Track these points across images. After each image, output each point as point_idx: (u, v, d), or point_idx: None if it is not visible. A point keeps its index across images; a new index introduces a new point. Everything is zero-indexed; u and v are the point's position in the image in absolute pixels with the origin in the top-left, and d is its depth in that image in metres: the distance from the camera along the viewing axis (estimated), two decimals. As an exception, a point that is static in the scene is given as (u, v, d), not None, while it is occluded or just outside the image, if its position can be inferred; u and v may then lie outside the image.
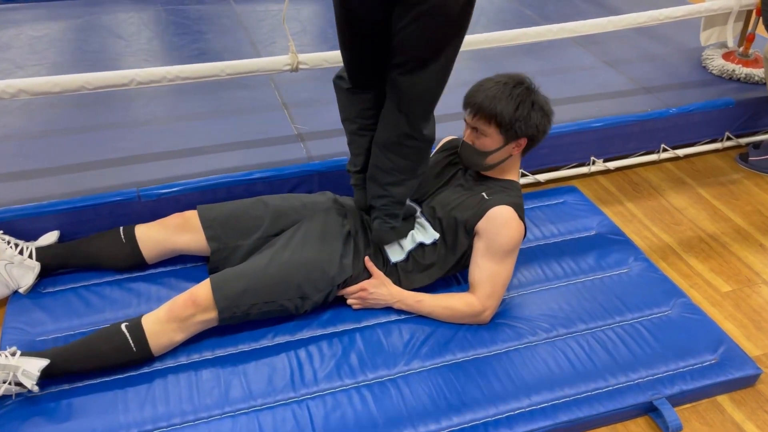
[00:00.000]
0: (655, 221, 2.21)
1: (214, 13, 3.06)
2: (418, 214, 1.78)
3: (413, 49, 1.40)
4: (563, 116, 2.34)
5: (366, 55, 1.51)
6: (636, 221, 2.21)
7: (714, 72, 2.68)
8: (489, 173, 1.73)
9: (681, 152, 2.50)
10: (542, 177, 2.33)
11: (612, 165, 2.42)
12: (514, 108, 1.59)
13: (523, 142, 1.65)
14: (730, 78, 2.63)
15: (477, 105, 1.62)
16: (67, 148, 2.09)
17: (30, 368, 1.40)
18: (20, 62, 2.56)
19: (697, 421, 1.57)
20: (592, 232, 2.05)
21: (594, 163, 2.40)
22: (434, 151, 1.93)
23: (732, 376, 1.60)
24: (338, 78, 1.61)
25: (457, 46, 1.44)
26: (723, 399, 1.62)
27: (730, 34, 2.68)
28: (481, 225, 1.65)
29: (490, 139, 1.64)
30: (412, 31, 1.37)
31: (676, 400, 1.57)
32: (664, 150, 2.48)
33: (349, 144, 1.70)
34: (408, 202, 1.80)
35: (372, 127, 1.61)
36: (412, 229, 1.75)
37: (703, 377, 1.60)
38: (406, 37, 1.39)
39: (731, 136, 2.56)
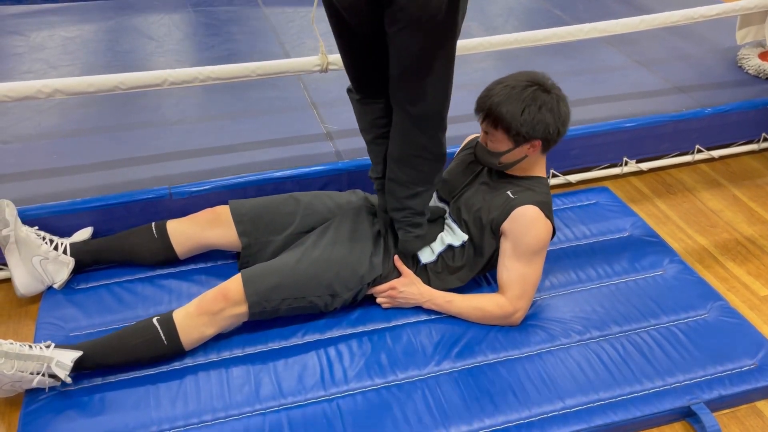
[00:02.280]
0: (690, 223, 2.17)
1: (243, 14, 3.08)
2: (446, 215, 1.76)
3: (404, 61, 1.37)
4: (595, 116, 2.31)
5: (365, 61, 1.49)
6: (670, 223, 2.16)
7: (750, 72, 2.62)
8: (511, 171, 1.70)
9: (716, 153, 2.45)
10: (573, 178, 2.30)
11: (645, 166, 2.38)
12: (519, 112, 1.55)
13: (537, 143, 1.61)
14: (767, 78, 2.58)
15: (484, 110, 1.60)
16: (100, 147, 2.11)
17: (63, 359, 1.42)
18: (54, 62, 2.60)
19: (737, 427, 1.53)
20: (626, 234, 2.02)
21: (626, 163, 2.36)
22: (458, 149, 1.92)
23: (773, 381, 1.56)
24: (349, 90, 1.61)
25: (448, 55, 1.39)
26: (763, 405, 1.58)
27: None
28: (507, 225, 1.62)
29: (500, 142, 1.62)
30: (400, 41, 1.35)
31: (715, 405, 1.53)
32: (699, 151, 2.43)
33: (369, 153, 1.70)
34: (437, 202, 1.79)
35: (387, 135, 1.60)
36: (441, 231, 1.73)
37: (743, 382, 1.55)
38: (396, 48, 1.37)
39: (768, 137, 2.51)
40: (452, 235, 1.71)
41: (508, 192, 1.66)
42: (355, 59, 1.51)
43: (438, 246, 1.71)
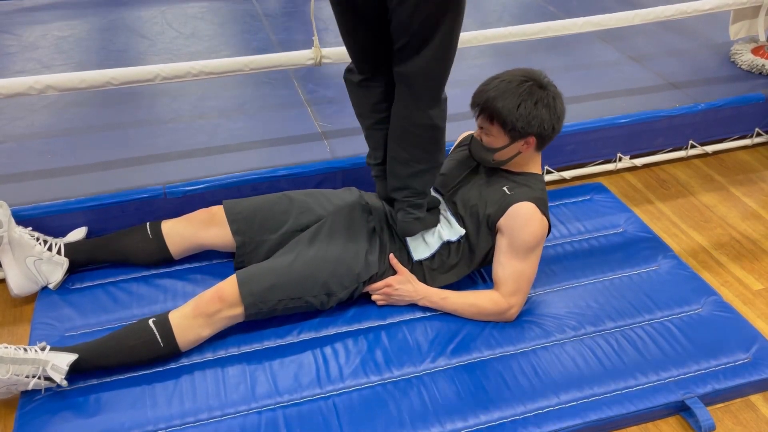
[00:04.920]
0: (684, 219, 2.17)
1: (236, 11, 3.07)
2: (443, 207, 1.77)
3: (408, 30, 1.38)
4: (589, 112, 2.31)
5: (367, 38, 1.48)
6: (664, 219, 2.17)
7: (743, 67, 2.63)
8: (507, 167, 1.70)
9: (710, 149, 2.46)
10: (568, 174, 2.31)
11: (639, 162, 2.38)
12: (515, 107, 1.55)
13: (532, 140, 1.62)
14: (760, 73, 2.58)
15: (480, 104, 1.60)
16: (94, 146, 2.11)
17: (59, 363, 1.42)
18: (47, 62, 2.59)
19: (730, 421, 1.54)
20: (620, 230, 2.02)
21: (620, 160, 2.36)
22: (452, 147, 1.92)
23: (766, 375, 1.57)
24: (348, 72, 1.60)
25: (454, 21, 1.39)
26: (756, 398, 1.59)
27: (761, 28, 2.62)
28: (503, 222, 1.63)
29: (495, 137, 1.62)
30: (404, 13, 1.35)
31: (709, 399, 1.54)
32: (692, 146, 2.44)
33: (366, 138, 1.69)
34: (432, 193, 1.79)
35: (386, 120, 1.60)
36: (438, 222, 1.73)
37: (737, 376, 1.56)
38: (400, 17, 1.37)
39: (761, 132, 2.51)
40: (449, 229, 1.71)
41: (505, 188, 1.66)
42: (356, 37, 1.50)
43: (435, 242, 1.71)
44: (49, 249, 1.74)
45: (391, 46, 1.46)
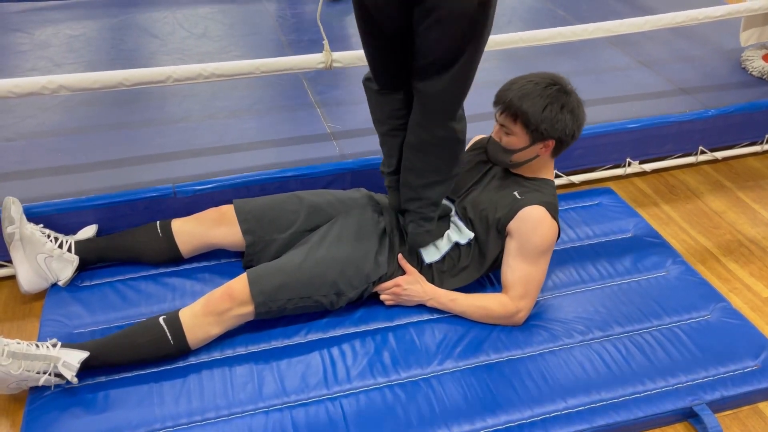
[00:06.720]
0: (693, 224, 2.17)
1: (247, 12, 3.08)
2: (452, 213, 1.77)
3: (432, 53, 1.40)
4: (598, 117, 2.31)
5: (390, 56, 1.50)
6: (673, 224, 2.17)
7: (754, 73, 2.62)
8: (520, 171, 1.71)
9: (719, 155, 2.45)
10: (576, 178, 2.30)
11: (648, 167, 2.38)
12: (541, 108, 1.56)
13: (551, 143, 1.62)
14: (771, 79, 2.58)
15: (505, 103, 1.61)
16: (104, 145, 2.11)
17: (70, 360, 1.42)
18: (58, 60, 2.60)
19: (738, 429, 1.53)
20: (629, 234, 2.02)
21: (629, 164, 2.36)
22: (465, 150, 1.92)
23: (775, 383, 1.57)
24: (367, 80, 1.61)
25: (477, 48, 1.41)
26: (765, 406, 1.58)
27: (771, 35, 2.62)
28: (513, 225, 1.63)
29: (516, 137, 1.62)
30: (430, 35, 1.37)
31: (717, 406, 1.53)
32: (702, 152, 2.43)
33: (381, 145, 1.70)
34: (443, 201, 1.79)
35: (403, 127, 1.60)
36: (448, 229, 1.73)
37: (745, 383, 1.56)
38: (425, 41, 1.39)
39: (771, 138, 2.51)
40: (458, 233, 1.71)
41: (515, 192, 1.66)
42: (379, 54, 1.51)
43: (444, 245, 1.72)
44: (60, 246, 1.75)
45: (410, 63, 1.47)
